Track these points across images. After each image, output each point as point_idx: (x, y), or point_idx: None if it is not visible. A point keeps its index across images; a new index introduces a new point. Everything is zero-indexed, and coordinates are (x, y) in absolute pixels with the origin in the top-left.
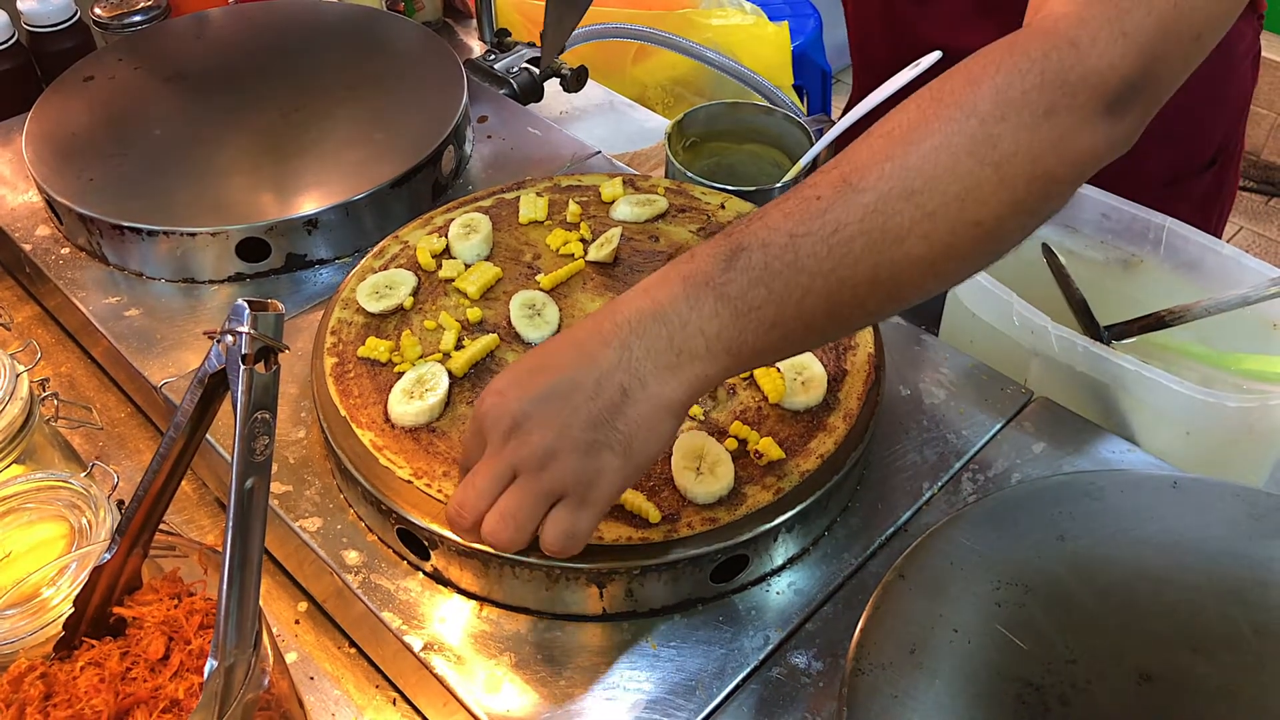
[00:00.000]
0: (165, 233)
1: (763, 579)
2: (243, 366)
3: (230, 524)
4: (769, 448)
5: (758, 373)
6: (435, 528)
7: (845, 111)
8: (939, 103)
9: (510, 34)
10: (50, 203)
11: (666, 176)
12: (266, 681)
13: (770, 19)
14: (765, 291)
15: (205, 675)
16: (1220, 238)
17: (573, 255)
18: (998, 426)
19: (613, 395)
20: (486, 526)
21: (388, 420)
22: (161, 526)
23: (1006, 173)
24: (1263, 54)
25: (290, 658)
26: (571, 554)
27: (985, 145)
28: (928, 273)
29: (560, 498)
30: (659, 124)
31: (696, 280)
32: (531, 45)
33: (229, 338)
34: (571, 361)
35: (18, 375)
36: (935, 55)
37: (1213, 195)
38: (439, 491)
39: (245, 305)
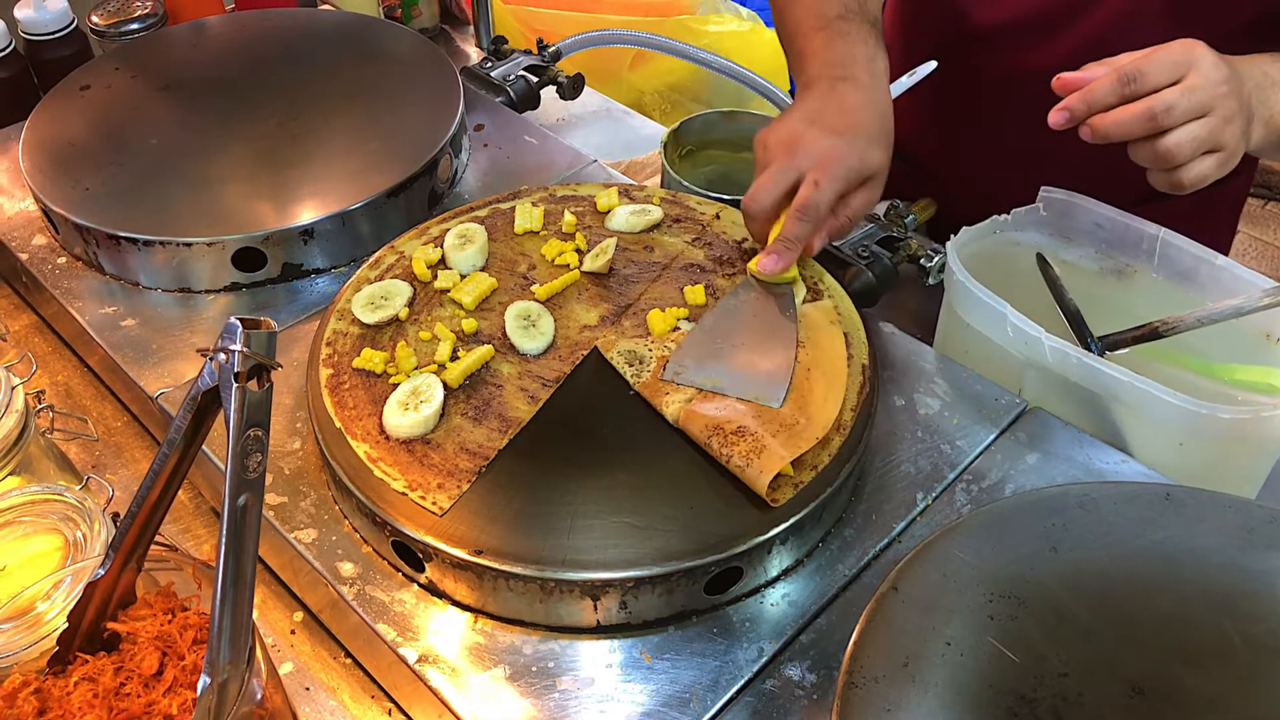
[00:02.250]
0: (161, 242)
1: (757, 591)
2: (235, 384)
3: (223, 540)
4: None
5: None
6: (430, 540)
7: None
8: None
9: (507, 41)
10: (46, 212)
11: (662, 185)
12: (260, 696)
13: (766, 24)
14: None
15: (199, 691)
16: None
17: (568, 266)
18: (992, 437)
19: (1247, 112)
20: (1178, 135)
21: (383, 432)
22: (156, 539)
23: None
24: None
25: (285, 668)
26: (1189, 190)
27: None
28: None
29: (1212, 151)
30: (655, 131)
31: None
32: (528, 53)
33: (222, 356)
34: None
35: (13, 388)
36: (931, 65)
37: (1239, 199)
38: (433, 504)
39: (238, 323)
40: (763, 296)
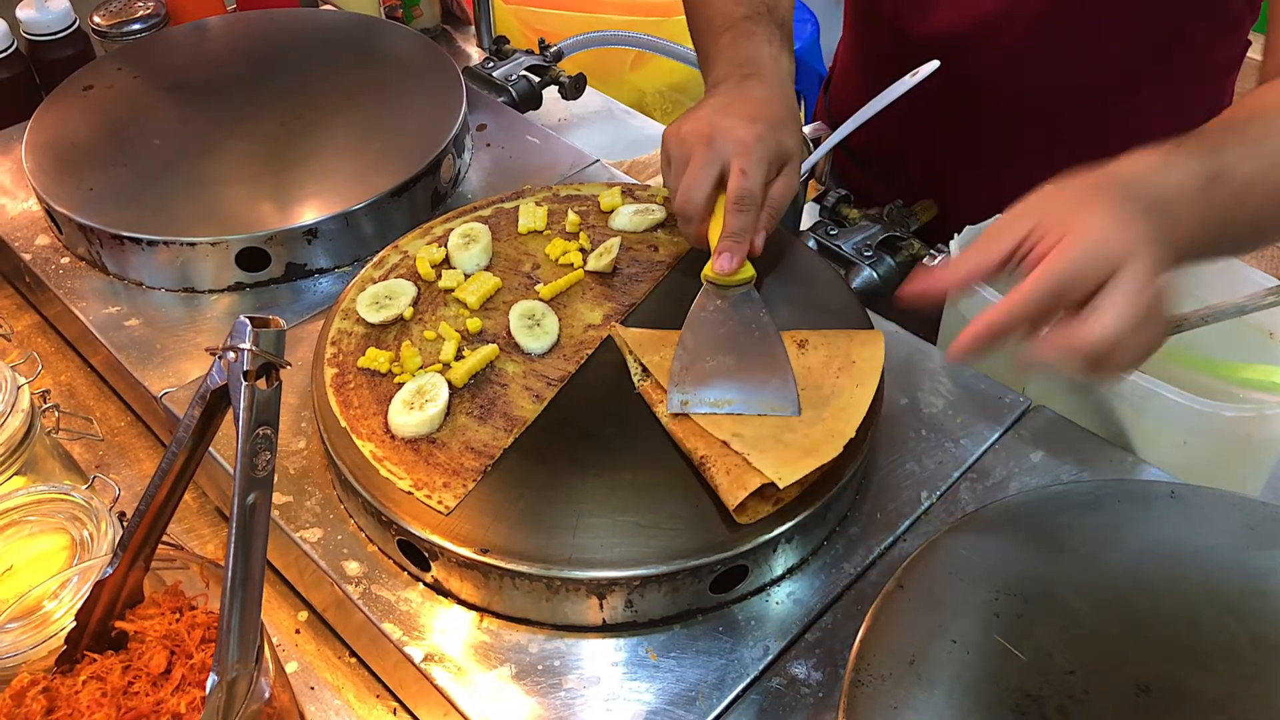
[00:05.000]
0: (165, 242)
1: (762, 589)
2: (244, 383)
3: (232, 539)
4: None
5: None
6: (436, 539)
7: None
8: None
9: (509, 41)
10: (50, 212)
11: (665, 185)
12: (268, 694)
13: None
14: (1221, 215)
15: (207, 690)
16: None
17: (572, 265)
18: (996, 435)
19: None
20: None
21: (388, 431)
22: (163, 538)
23: None
24: (1248, 56)
25: (291, 667)
26: None
27: None
28: None
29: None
30: (657, 130)
31: (1184, 193)
32: (530, 53)
33: (231, 354)
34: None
35: (19, 388)
36: (933, 64)
37: None
38: (439, 503)
39: (247, 322)
40: (728, 303)
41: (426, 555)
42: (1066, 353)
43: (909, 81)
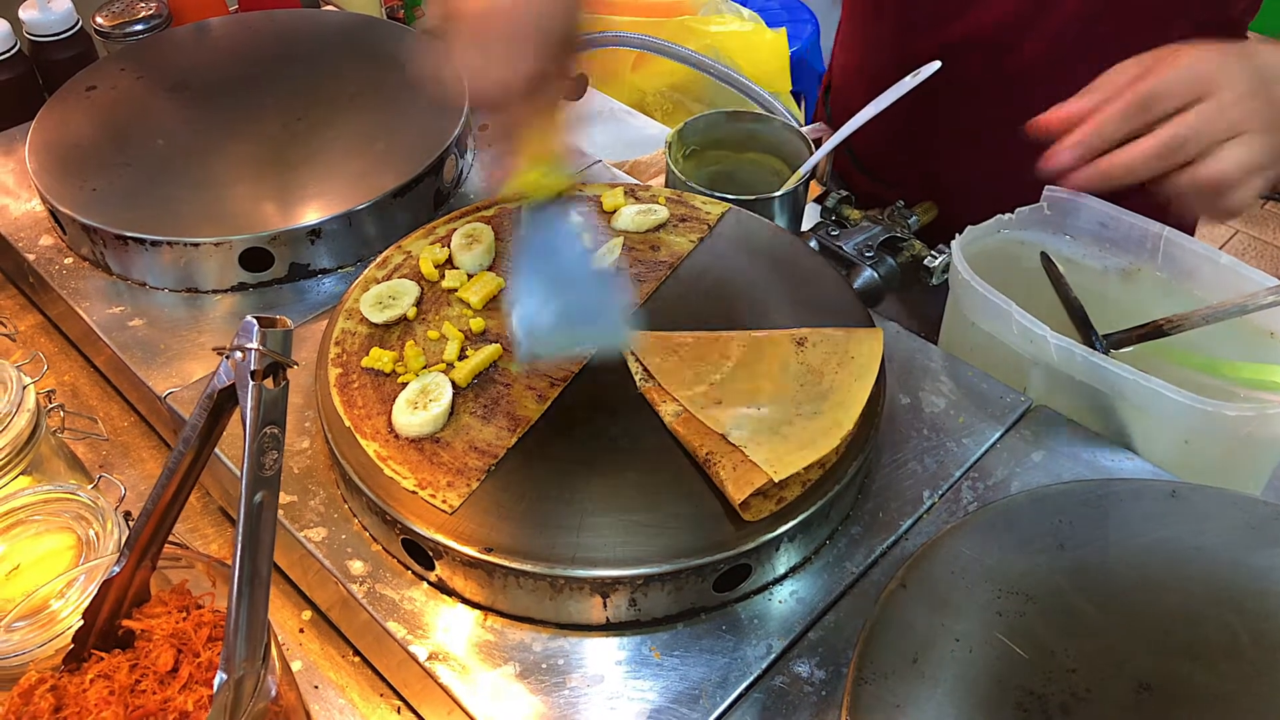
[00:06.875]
0: (169, 243)
1: (765, 588)
2: (252, 382)
3: (239, 538)
4: None
5: None
6: (440, 538)
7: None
8: None
9: None
10: (53, 212)
11: (667, 185)
12: (275, 693)
13: (768, 25)
14: None
15: (215, 688)
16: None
17: None
18: (997, 435)
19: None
20: (1223, 164)
21: (392, 431)
22: (168, 538)
23: None
24: None
25: (295, 666)
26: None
27: None
28: None
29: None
30: (658, 131)
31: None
32: None
33: (238, 354)
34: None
35: (24, 387)
36: (934, 65)
37: None
38: (443, 502)
39: (255, 322)
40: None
41: (430, 554)
42: (1192, 183)
43: (910, 82)
